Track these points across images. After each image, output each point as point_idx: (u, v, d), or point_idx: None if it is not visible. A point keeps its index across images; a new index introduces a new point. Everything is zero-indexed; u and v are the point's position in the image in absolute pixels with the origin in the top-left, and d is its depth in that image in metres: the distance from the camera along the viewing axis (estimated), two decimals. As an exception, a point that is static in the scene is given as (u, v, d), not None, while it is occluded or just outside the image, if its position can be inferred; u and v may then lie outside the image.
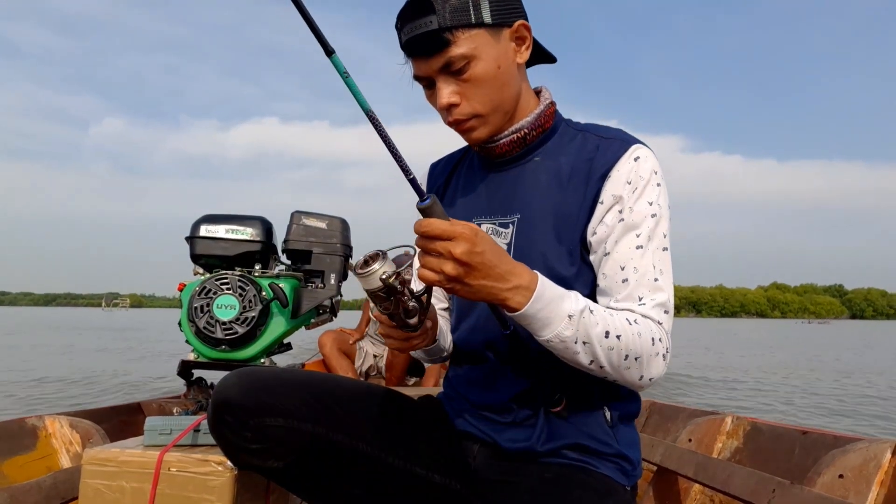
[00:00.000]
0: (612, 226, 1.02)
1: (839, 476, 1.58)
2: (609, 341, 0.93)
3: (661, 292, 1.00)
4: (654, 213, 1.01)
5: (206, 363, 1.37)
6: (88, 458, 1.16)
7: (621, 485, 1.07)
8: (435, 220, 0.84)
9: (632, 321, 0.96)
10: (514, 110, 1.09)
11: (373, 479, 1.04)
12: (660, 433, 2.40)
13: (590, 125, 1.13)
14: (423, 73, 1.04)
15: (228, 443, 1.00)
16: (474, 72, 1.01)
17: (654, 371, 0.97)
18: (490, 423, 1.11)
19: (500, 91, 1.05)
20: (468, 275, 0.85)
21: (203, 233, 1.41)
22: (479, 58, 1.01)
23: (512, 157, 1.13)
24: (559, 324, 0.91)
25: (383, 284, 0.88)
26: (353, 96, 0.86)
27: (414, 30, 1.00)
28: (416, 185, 0.88)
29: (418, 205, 0.87)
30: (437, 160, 1.29)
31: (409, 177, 0.89)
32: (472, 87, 1.03)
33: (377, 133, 0.88)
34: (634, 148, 1.05)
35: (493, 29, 1.02)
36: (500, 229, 1.11)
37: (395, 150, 0.88)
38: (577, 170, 1.06)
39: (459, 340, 1.18)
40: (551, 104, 1.13)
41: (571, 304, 0.92)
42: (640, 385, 0.99)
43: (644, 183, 1.02)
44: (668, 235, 1.03)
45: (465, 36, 0.99)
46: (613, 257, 1.01)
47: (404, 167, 0.89)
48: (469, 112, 1.04)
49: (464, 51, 1.00)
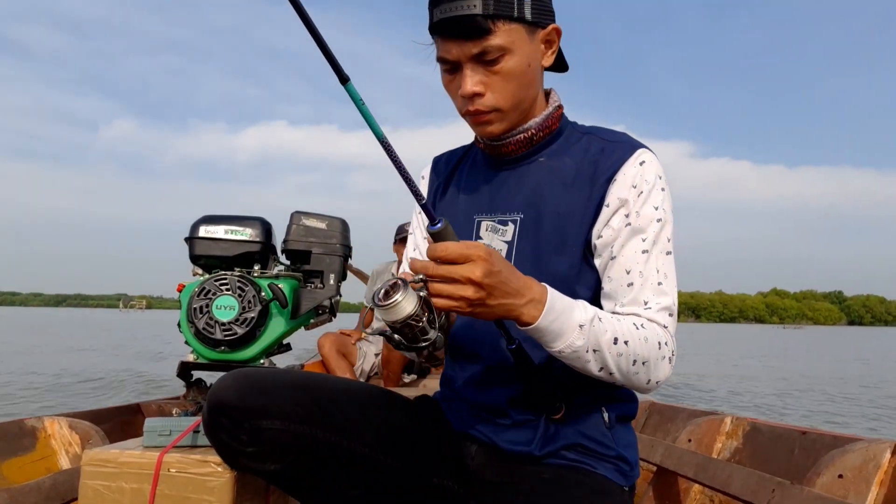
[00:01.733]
0: (619, 230, 1.02)
1: (839, 476, 1.58)
2: (618, 347, 0.93)
3: (666, 296, 1.00)
4: (660, 217, 1.02)
5: (206, 364, 1.37)
6: (88, 459, 1.15)
7: (619, 485, 1.07)
8: (451, 244, 0.83)
9: (638, 326, 0.96)
10: (529, 111, 1.10)
11: (370, 481, 1.04)
12: (660, 433, 2.40)
13: (595, 128, 1.13)
14: (452, 57, 1.02)
15: (224, 445, 1.00)
16: (506, 65, 1.00)
17: (660, 374, 0.98)
18: (488, 423, 1.11)
19: (524, 89, 1.04)
20: (490, 297, 0.85)
21: (202, 233, 1.41)
22: (513, 52, 1.00)
23: (517, 157, 1.13)
24: (571, 334, 0.91)
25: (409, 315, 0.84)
26: (368, 124, 0.86)
27: (454, 10, 0.97)
28: (428, 210, 0.88)
29: (429, 228, 0.86)
30: (440, 154, 1.29)
31: (422, 202, 0.89)
32: (499, 80, 1.02)
33: (390, 159, 0.87)
34: (640, 152, 1.05)
35: (530, 27, 1.02)
36: (498, 226, 1.11)
37: (407, 175, 0.88)
38: (582, 172, 1.06)
39: (457, 340, 1.18)
40: (559, 107, 1.13)
41: (581, 314, 0.92)
42: (647, 388, 1.00)
43: (650, 187, 1.02)
44: (671, 240, 1.03)
45: (505, 27, 0.98)
46: (619, 261, 1.01)
47: (416, 192, 0.89)
48: (491, 105, 1.03)
49: (501, 42, 0.98)
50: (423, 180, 1.27)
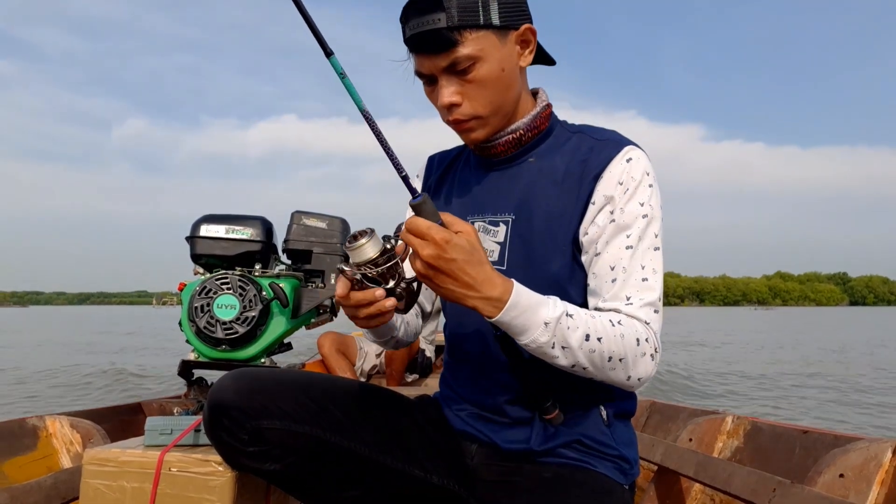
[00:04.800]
0: (603, 226, 1.02)
1: (840, 475, 1.57)
2: (590, 344, 0.93)
3: (651, 292, 0.99)
4: (646, 213, 1.01)
5: (207, 363, 1.37)
6: (89, 459, 1.16)
7: (619, 484, 1.07)
8: (421, 222, 0.86)
9: (615, 322, 0.96)
10: (513, 112, 1.10)
11: (370, 481, 1.04)
12: (660, 433, 2.40)
13: (584, 126, 1.13)
14: (426, 71, 1.03)
15: (225, 445, 1.00)
16: (478, 73, 1.01)
17: (641, 371, 0.97)
18: (488, 423, 1.11)
19: (501, 94, 1.05)
20: (436, 277, 0.88)
21: (203, 232, 1.41)
22: (484, 59, 1.00)
23: (507, 158, 1.13)
24: (535, 330, 0.91)
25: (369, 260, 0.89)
26: (350, 95, 0.89)
27: (420, 26, 0.98)
28: (408, 182, 0.90)
29: (410, 202, 0.89)
30: (435, 153, 1.29)
31: (402, 174, 0.90)
32: (474, 88, 1.02)
33: (371, 131, 0.90)
34: (627, 149, 1.05)
35: (500, 31, 1.01)
36: (489, 227, 1.11)
37: (388, 148, 0.90)
38: (571, 171, 1.06)
39: (456, 340, 1.18)
40: (547, 106, 1.13)
41: (548, 312, 0.92)
42: (630, 385, 0.99)
43: (636, 184, 1.02)
44: (659, 235, 1.03)
45: (472, 36, 0.99)
46: (603, 257, 1.01)
47: (397, 165, 0.91)
48: (470, 113, 1.04)
49: (470, 51, 0.99)
50: (419, 179, 1.27)
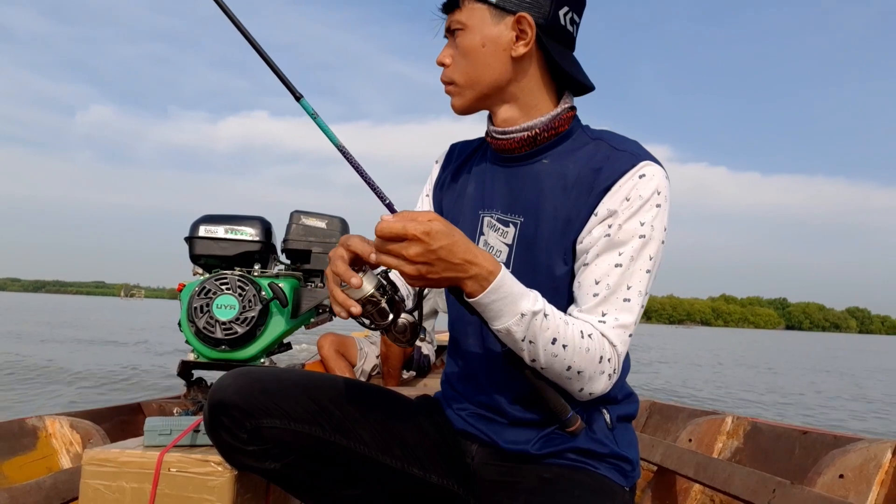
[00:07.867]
0: (597, 238, 1.00)
1: (839, 476, 1.57)
2: (554, 348, 0.93)
3: (629, 314, 0.98)
4: (644, 234, 0.99)
5: (206, 363, 1.37)
6: (88, 459, 1.16)
7: (620, 485, 1.06)
8: (393, 223, 0.86)
9: (585, 335, 0.95)
10: (498, 97, 1.10)
11: (370, 480, 1.04)
12: (660, 433, 2.40)
13: (606, 133, 1.10)
14: (445, 27, 1.11)
15: (225, 445, 1.00)
16: (461, 40, 1.07)
17: (595, 387, 0.98)
18: (489, 423, 1.11)
19: (477, 69, 1.07)
20: (430, 272, 0.87)
21: (202, 233, 1.41)
22: (469, 29, 1.06)
23: (521, 156, 1.11)
24: (510, 318, 0.91)
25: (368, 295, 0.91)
26: (324, 134, 0.98)
27: None
28: (392, 209, 0.94)
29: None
30: (457, 142, 1.29)
31: (386, 202, 0.95)
32: (458, 54, 1.08)
33: (350, 165, 0.97)
34: (642, 165, 1.02)
35: (496, 10, 1.05)
36: (499, 225, 1.11)
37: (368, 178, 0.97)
38: (583, 178, 1.04)
39: (457, 339, 1.18)
40: (570, 109, 1.11)
41: (528, 304, 0.92)
42: (579, 397, 1.00)
43: (641, 202, 0.99)
44: (655, 259, 1.00)
45: (470, 5, 1.05)
46: (591, 269, 1.00)
47: (379, 194, 0.97)
48: (448, 77, 1.11)
49: (461, 18, 1.06)
50: (437, 164, 1.27)
